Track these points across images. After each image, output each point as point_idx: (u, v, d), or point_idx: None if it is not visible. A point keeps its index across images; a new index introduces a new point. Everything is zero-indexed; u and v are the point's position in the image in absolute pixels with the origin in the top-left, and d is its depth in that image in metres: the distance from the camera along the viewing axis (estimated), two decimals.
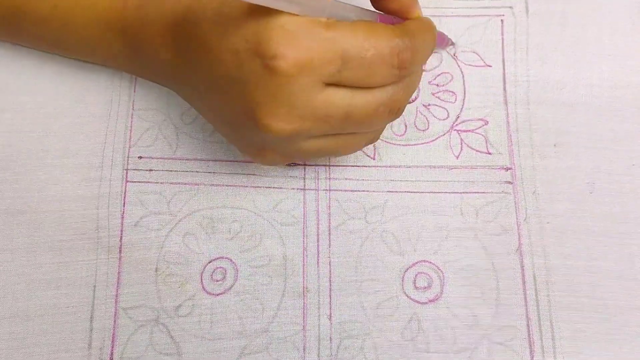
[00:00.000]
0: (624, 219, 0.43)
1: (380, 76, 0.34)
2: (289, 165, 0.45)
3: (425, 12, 0.47)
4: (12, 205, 0.44)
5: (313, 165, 0.45)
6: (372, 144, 0.45)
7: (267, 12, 0.32)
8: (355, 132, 0.38)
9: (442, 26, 0.48)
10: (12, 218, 0.44)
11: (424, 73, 0.47)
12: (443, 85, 0.47)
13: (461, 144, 0.45)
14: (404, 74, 0.35)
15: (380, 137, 0.45)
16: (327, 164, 0.45)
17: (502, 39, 0.47)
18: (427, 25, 0.38)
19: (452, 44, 0.47)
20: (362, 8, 0.36)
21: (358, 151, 0.44)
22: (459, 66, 0.47)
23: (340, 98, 0.34)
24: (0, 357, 0.41)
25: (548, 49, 0.47)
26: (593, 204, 0.44)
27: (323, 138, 0.37)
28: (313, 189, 0.44)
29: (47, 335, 0.41)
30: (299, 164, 0.45)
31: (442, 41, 0.46)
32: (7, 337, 0.41)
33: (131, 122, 0.46)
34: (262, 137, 0.35)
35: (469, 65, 0.47)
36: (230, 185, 0.44)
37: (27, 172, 0.44)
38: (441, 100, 0.46)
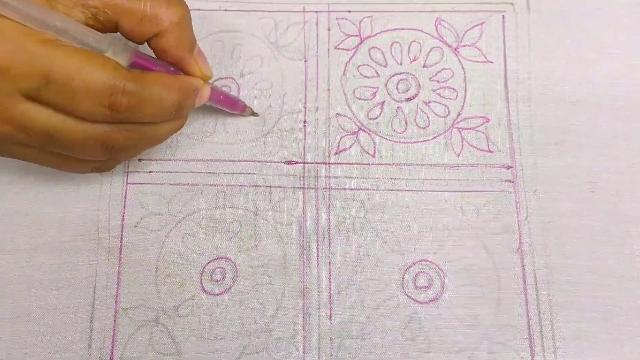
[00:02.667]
0: (625, 218, 0.43)
1: (85, 109, 0.34)
2: (287, 162, 0.44)
3: (426, 8, 0.47)
4: (13, 207, 0.44)
5: (312, 163, 0.44)
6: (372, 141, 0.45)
7: None
8: (78, 155, 0.38)
9: (444, 22, 0.47)
10: (13, 219, 0.44)
11: (424, 69, 0.46)
12: (444, 82, 0.46)
13: (462, 141, 0.45)
14: (120, 118, 0.35)
15: (381, 135, 0.45)
16: (327, 162, 0.44)
17: (504, 35, 0.47)
18: (179, 85, 0.38)
19: (252, 113, 0.46)
20: (117, 41, 0.36)
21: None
22: (460, 62, 0.47)
23: (41, 116, 0.34)
24: (1, 357, 0.41)
25: (550, 47, 0.47)
26: (594, 203, 0.43)
27: (34, 149, 0.37)
28: (312, 188, 0.44)
29: (47, 335, 0.41)
30: (298, 162, 0.44)
31: (230, 106, 0.44)
32: (8, 337, 0.41)
33: None
34: None
35: (470, 60, 0.47)
36: (230, 185, 0.44)
37: (28, 173, 0.45)
38: (442, 97, 0.46)
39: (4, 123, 0.34)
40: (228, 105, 0.44)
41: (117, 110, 0.35)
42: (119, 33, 0.38)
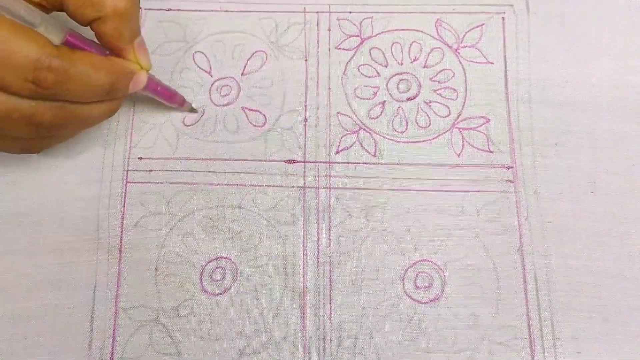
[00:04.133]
0: (625, 219, 0.43)
1: (9, 83, 0.34)
2: (288, 161, 0.44)
3: (427, 10, 0.47)
4: (13, 207, 0.44)
5: (313, 162, 0.44)
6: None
7: None
8: (3, 131, 0.37)
9: (444, 23, 0.47)
10: (14, 219, 0.44)
11: (425, 69, 0.46)
12: (444, 82, 0.46)
13: (463, 141, 0.45)
14: (45, 94, 0.35)
15: (381, 134, 0.45)
16: (327, 161, 0.44)
17: (504, 36, 0.47)
18: (111, 66, 0.37)
19: (191, 109, 0.46)
20: (50, 18, 0.36)
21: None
22: (460, 63, 0.47)
23: None
24: (1, 357, 0.41)
25: (549, 48, 0.47)
26: (594, 203, 0.43)
27: None
28: (313, 187, 0.44)
29: (47, 335, 0.41)
30: (299, 161, 0.44)
31: (168, 98, 0.44)
32: (8, 337, 0.41)
33: (132, 124, 0.46)
34: None
35: (471, 61, 0.47)
36: (230, 185, 0.44)
37: (29, 174, 0.45)
38: (442, 97, 0.46)
39: None
40: (166, 97, 0.44)
41: (42, 86, 0.34)
42: (64, 13, 0.38)
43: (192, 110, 0.46)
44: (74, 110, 0.37)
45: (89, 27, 0.38)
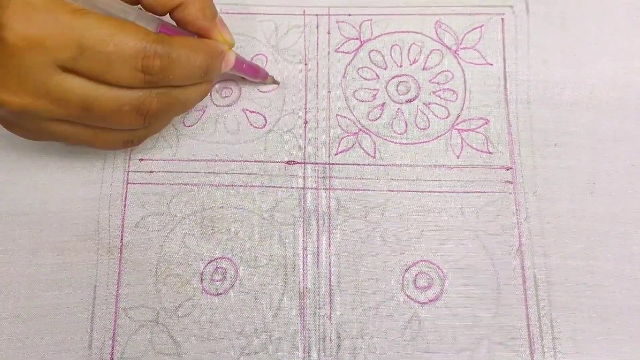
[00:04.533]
0: (624, 219, 0.43)
1: (120, 75, 0.35)
2: (288, 163, 0.45)
3: (426, 11, 0.48)
4: (14, 207, 0.44)
5: (313, 163, 0.45)
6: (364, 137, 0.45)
7: None
8: (105, 127, 0.38)
9: (443, 25, 0.48)
10: (15, 219, 0.44)
11: (424, 71, 0.47)
12: (444, 84, 0.46)
13: (462, 143, 0.45)
14: (152, 80, 0.36)
15: (381, 136, 0.45)
16: (327, 162, 0.45)
17: (503, 37, 0.47)
18: (205, 47, 0.39)
19: (273, 81, 0.47)
20: (142, 11, 0.37)
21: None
22: (459, 64, 0.47)
23: (76, 86, 0.35)
24: (1, 356, 0.41)
25: (549, 49, 0.47)
26: (593, 204, 0.43)
27: (69, 124, 0.37)
28: (313, 188, 0.44)
29: (48, 335, 0.41)
30: (299, 162, 0.45)
31: (253, 74, 0.45)
32: (8, 337, 0.41)
33: None
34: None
35: (470, 63, 0.47)
36: (230, 185, 0.44)
37: (30, 174, 0.45)
38: (442, 98, 0.46)
39: (42, 97, 0.35)
40: (251, 73, 0.45)
41: (150, 73, 0.35)
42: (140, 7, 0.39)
43: (275, 82, 0.47)
44: (177, 95, 0.39)
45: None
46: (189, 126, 0.46)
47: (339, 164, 0.45)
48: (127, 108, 0.37)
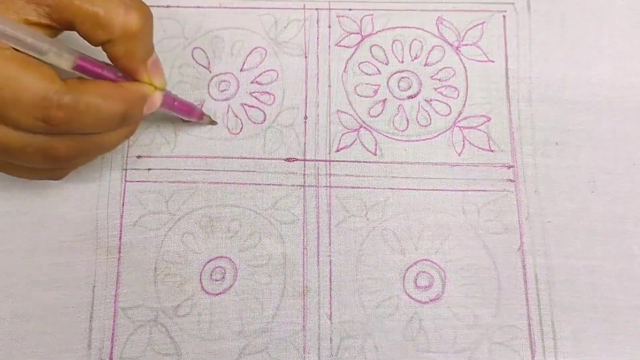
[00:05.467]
0: (625, 219, 0.43)
1: (17, 121, 0.33)
2: (287, 160, 0.44)
3: (428, 7, 0.47)
4: (12, 207, 0.44)
5: (313, 160, 0.44)
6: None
7: None
8: (21, 163, 0.37)
9: (445, 21, 0.47)
10: (13, 219, 0.43)
11: (426, 67, 0.46)
12: (445, 81, 0.46)
13: (463, 140, 0.45)
14: (56, 130, 0.34)
15: (382, 132, 0.45)
16: (328, 159, 0.44)
17: (505, 34, 0.47)
18: (123, 93, 0.37)
19: (210, 122, 0.45)
20: (59, 43, 0.35)
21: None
22: (461, 61, 0.46)
23: None
24: (0, 356, 0.41)
25: (550, 47, 0.47)
26: (594, 203, 0.43)
27: None
28: (313, 186, 0.44)
29: (46, 335, 0.41)
30: (299, 159, 0.44)
31: (186, 113, 0.44)
32: (7, 337, 0.41)
33: None
34: None
35: (472, 60, 0.46)
36: (229, 183, 0.44)
37: None
38: (443, 95, 0.46)
39: None
40: (184, 112, 0.43)
41: (52, 124, 0.33)
42: (75, 33, 0.37)
43: (212, 122, 0.45)
44: (90, 140, 0.37)
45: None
46: (187, 122, 0.45)
47: (339, 161, 0.44)
48: (31, 150, 0.35)
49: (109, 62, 0.38)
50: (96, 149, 0.38)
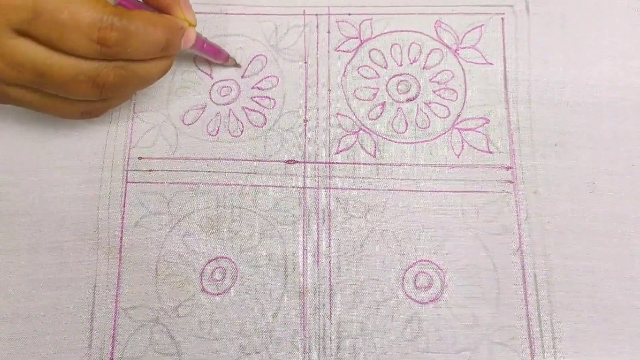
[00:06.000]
0: (624, 219, 0.43)
1: (74, 44, 0.35)
2: (288, 162, 0.45)
3: (426, 11, 0.48)
4: (13, 207, 0.44)
5: (313, 162, 0.45)
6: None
7: None
8: (64, 96, 0.38)
9: (443, 24, 0.48)
10: (14, 219, 0.44)
11: (425, 70, 0.47)
12: (444, 83, 0.46)
13: (462, 142, 0.45)
14: (109, 53, 0.36)
15: (381, 135, 0.45)
16: (327, 161, 0.45)
17: (503, 37, 0.47)
18: (165, 22, 0.38)
19: (235, 64, 0.48)
20: None
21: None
22: (460, 63, 0.47)
23: (31, 51, 0.35)
24: (1, 357, 0.41)
25: (549, 49, 0.47)
26: (593, 204, 0.43)
27: (27, 89, 0.37)
28: (313, 187, 0.44)
29: (47, 335, 0.41)
30: (299, 161, 0.44)
31: (214, 55, 0.46)
32: (8, 337, 0.41)
33: (132, 124, 0.46)
34: None
35: (470, 62, 0.47)
36: (230, 184, 0.44)
37: (29, 174, 0.45)
38: (442, 97, 0.46)
39: None
40: (212, 53, 0.45)
41: (106, 45, 0.35)
42: None
43: (236, 65, 0.47)
44: (134, 69, 0.38)
45: None
46: (189, 124, 0.46)
47: (339, 163, 0.45)
48: (82, 78, 0.36)
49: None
50: (139, 79, 0.39)
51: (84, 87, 0.37)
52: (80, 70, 0.36)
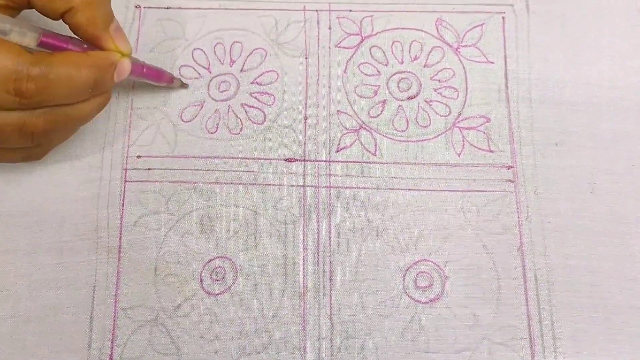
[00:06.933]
0: (625, 219, 0.43)
1: None
2: (287, 160, 0.44)
3: (427, 9, 0.47)
4: (13, 207, 0.44)
5: (313, 160, 0.44)
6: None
7: None
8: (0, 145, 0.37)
9: (444, 22, 0.47)
10: (13, 219, 0.43)
11: (426, 68, 0.46)
12: (445, 81, 0.46)
13: (463, 141, 0.45)
14: (30, 103, 0.35)
15: (382, 133, 0.45)
16: (327, 159, 0.44)
17: (504, 36, 0.47)
18: (91, 61, 0.37)
19: (181, 85, 0.46)
20: (21, 21, 0.35)
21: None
22: (460, 62, 0.47)
23: None
24: (1, 357, 0.41)
25: (549, 48, 0.47)
26: (594, 203, 0.43)
27: None
28: (313, 186, 0.44)
29: (47, 335, 0.41)
30: (299, 159, 0.44)
31: (156, 78, 0.44)
32: (8, 337, 0.41)
33: (130, 121, 0.45)
34: None
35: (471, 61, 0.47)
36: (229, 183, 0.44)
37: (29, 174, 0.44)
38: (443, 96, 0.46)
39: None
40: (153, 77, 0.44)
41: (25, 97, 0.34)
42: (32, 11, 0.37)
43: (183, 85, 0.46)
44: (65, 112, 0.37)
45: (61, 20, 0.38)
46: (187, 122, 0.45)
47: (339, 162, 0.44)
48: (9, 129, 0.35)
49: (73, 35, 0.38)
50: (71, 121, 0.38)
51: (14, 137, 0.36)
52: (5, 122, 0.35)
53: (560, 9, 0.48)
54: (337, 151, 0.45)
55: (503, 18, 0.47)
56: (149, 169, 0.44)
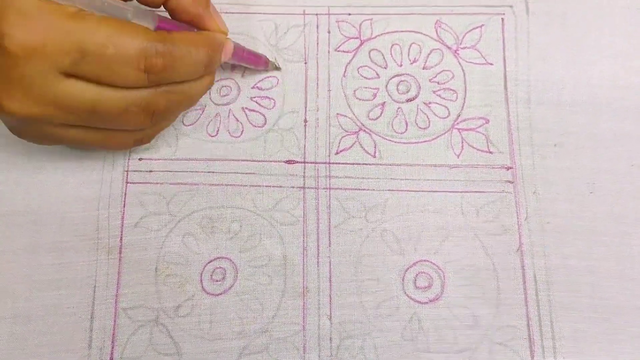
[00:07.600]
0: (624, 219, 0.43)
1: (123, 77, 0.35)
2: (287, 162, 0.45)
3: (426, 11, 0.48)
4: (13, 207, 0.44)
5: (313, 162, 0.45)
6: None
7: None
8: (115, 129, 0.39)
9: (443, 24, 0.48)
10: (14, 219, 0.44)
11: (425, 71, 0.47)
12: (444, 83, 0.46)
13: (462, 142, 0.45)
14: (157, 79, 0.36)
15: (381, 135, 0.45)
16: (327, 161, 0.45)
17: (503, 37, 0.47)
18: (205, 40, 0.38)
19: (276, 67, 0.47)
20: (138, 8, 0.37)
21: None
22: (459, 64, 0.47)
23: (81, 90, 0.35)
24: (1, 357, 0.41)
25: (549, 49, 0.47)
26: (593, 204, 0.43)
27: (79, 128, 0.38)
28: (313, 188, 0.44)
29: (47, 335, 0.41)
30: (299, 161, 0.44)
31: (253, 62, 0.45)
32: (8, 337, 0.41)
33: None
34: (5, 117, 0.36)
35: (470, 62, 0.47)
36: (230, 185, 0.44)
37: (29, 174, 0.45)
38: (442, 98, 0.46)
39: (48, 104, 0.34)
40: (252, 61, 0.45)
41: (154, 72, 0.35)
42: (135, 0, 0.39)
43: (277, 68, 0.47)
44: (183, 90, 0.39)
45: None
46: (189, 125, 0.46)
47: (339, 163, 0.45)
48: (134, 109, 0.37)
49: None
50: (187, 100, 0.40)
51: (137, 117, 0.37)
52: (132, 101, 0.36)
53: (560, 9, 0.48)
54: (337, 153, 0.45)
55: (502, 19, 0.48)
56: (151, 170, 0.45)
